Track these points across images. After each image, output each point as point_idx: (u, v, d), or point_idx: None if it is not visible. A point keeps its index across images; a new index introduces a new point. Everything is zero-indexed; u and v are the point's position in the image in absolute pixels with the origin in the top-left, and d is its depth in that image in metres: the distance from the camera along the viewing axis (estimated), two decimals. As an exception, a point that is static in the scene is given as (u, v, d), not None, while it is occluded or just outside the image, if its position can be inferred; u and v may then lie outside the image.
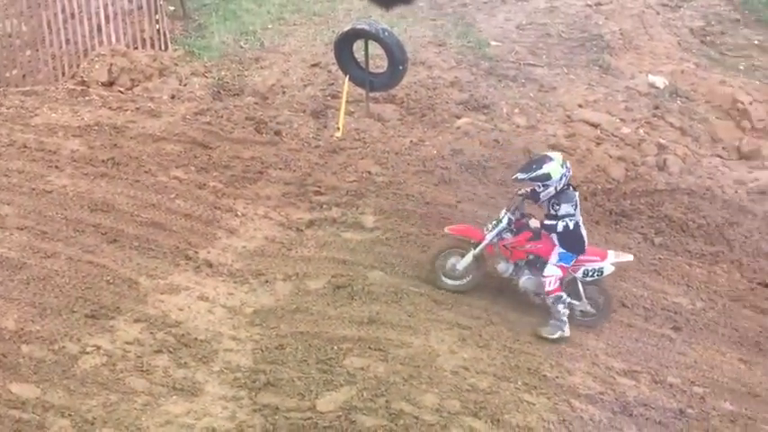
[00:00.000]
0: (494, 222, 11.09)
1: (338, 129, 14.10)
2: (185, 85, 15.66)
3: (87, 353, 9.68)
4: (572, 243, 10.83)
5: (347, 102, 14.42)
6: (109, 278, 10.83)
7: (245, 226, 12.13)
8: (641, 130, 15.26)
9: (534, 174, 10.65)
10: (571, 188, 10.89)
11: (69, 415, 8.93)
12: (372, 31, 14.00)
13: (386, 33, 13.96)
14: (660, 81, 16.66)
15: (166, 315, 10.36)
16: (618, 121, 15.36)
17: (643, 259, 12.31)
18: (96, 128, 13.96)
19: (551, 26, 18.08)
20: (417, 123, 14.78)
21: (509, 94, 15.82)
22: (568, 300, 10.91)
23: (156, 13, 16.79)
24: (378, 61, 14.97)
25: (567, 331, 10.84)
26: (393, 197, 12.83)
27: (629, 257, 11.45)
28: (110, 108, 14.56)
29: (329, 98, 15.30)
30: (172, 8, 17.87)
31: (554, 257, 10.84)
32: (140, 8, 16.84)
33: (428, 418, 9.02)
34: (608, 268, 11.09)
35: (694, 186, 13.91)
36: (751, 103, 16.09)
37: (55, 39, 16.24)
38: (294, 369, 9.63)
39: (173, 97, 15.17)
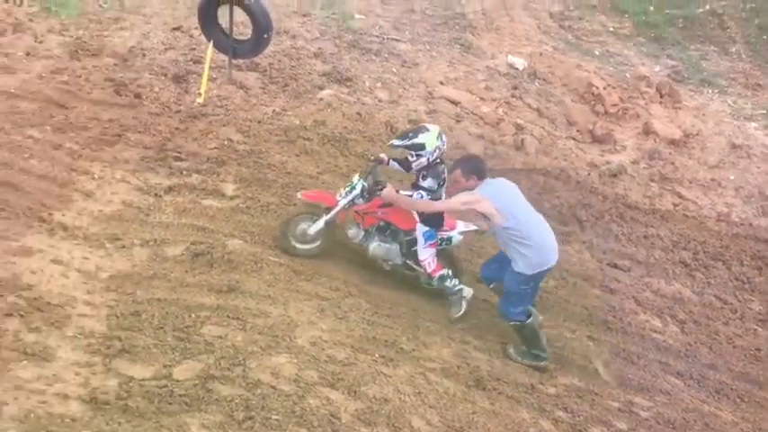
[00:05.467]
0: (347, 188, 11.13)
1: (200, 94, 13.90)
2: (41, 42, 15.18)
3: (-69, 316, 9.31)
4: (433, 219, 10.98)
5: (210, 68, 14.23)
6: (-44, 238, 10.45)
7: (101, 189, 11.83)
8: (500, 110, 15.54)
9: (410, 142, 10.68)
10: (443, 164, 10.94)
11: None
12: (237, -4, 13.85)
13: (251, 0, 13.80)
14: (519, 62, 16.99)
15: (18, 278, 10.01)
16: (478, 99, 15.60)
17: (498, 236, 12.54)
18: (-54, 81, 13.45)
19: (415, 2, 18.24)
20: (280, 93, 14.70)
21: (372, 68, 15.88)
22: (449, 272, 11.12)
23: (11, -36, 16.25)
24: (242, 28, 14.81)
25: (468, 295, 11.12)
26: (254, 166, 12.73)
27: (475, 227, 11.59)
28: (-38, 61, 14.06)
29: (191, 63, 15.07)
30: (26, -39, 17.30)
31: (421, 239, 10.99)
32: (-6, -42, 16.26)
33: (285, 389, 8.99)
34: (456, 237, 11.30)
35: (550, 167, 14.26)
36: (605, 88, 16.56)
37: None
38: (150, 336, 9.46)
39: (28, 54, 14.68)
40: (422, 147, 10.65)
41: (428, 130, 10.79)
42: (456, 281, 11.13)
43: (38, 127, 12.71)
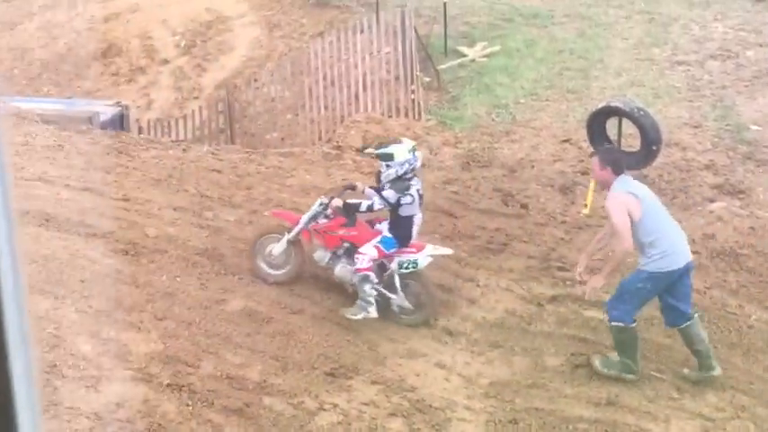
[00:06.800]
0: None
1: (585, 205, 13.93)
2: (436, 154, 15.92)
3: (325, 410, 9.80)
4: (401, 232, 10.89)
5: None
6: (350, 338, 10.96)
7: (485, 297, 12.09)
8: None
9: (378, 151, 10.96)
10: (414, 180, 10.93)
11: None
12: (627, 109, 13.85)
13: (641, 113, 13.76)
14: None
15: (403, 379, 10.40)
16: None
17: None
18: (348, 191, 14.37)
19: (817, 112, 17.36)
20: (668, 205, 14.35)
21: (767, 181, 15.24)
22: (376, 282, 10.85)
23: (412, 83, 17.26)
24: (630, 140, 14.76)
25: (372, 312, 10.78)
26: (638, 278, 12.51)
27: (448, 251, 11.48)
28: (361, 172, 14.95)
29: (578, 174, 15.19)
30: (427, 79, 18.29)
31: (376, 238, 10.81)
32: (397, 78, 17.37)
33: None
34: (423, 260, 11.01)
35: None
36: None
37: (314, 104, 16.92)
38: (526, 445, 9.49)
39: (423, 166, 15.40)
40: (390, 157, 10.68)
41: (401, 142, 10.93)
42: (374, 291, 10.80)
43: (428, 235, 13.22)
